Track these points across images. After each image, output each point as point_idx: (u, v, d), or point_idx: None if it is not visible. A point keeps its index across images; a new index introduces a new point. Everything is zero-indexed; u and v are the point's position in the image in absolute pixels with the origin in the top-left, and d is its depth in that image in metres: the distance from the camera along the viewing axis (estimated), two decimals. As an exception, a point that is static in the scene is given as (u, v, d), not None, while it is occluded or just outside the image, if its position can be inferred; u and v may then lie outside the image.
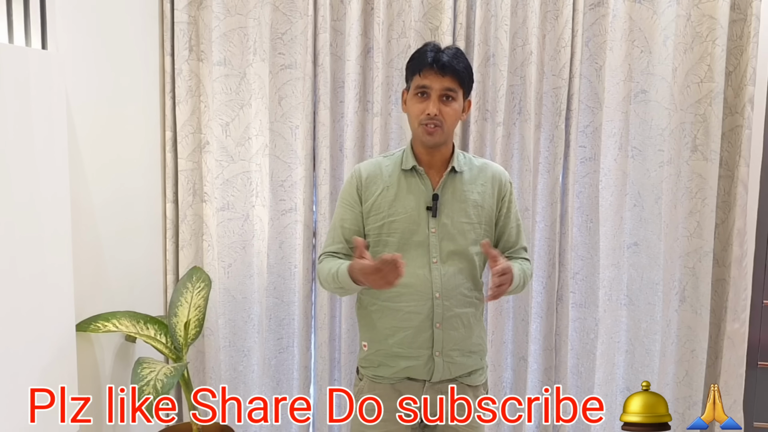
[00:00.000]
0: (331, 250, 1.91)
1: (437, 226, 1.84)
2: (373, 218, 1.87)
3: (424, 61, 1.79)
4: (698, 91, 2.50)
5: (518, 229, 1.98)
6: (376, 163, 1.94)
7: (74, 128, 1.94)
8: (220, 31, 2.50)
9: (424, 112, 1.78)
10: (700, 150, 2.52)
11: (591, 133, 2.59)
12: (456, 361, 1.87)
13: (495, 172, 1.94)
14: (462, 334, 1.88)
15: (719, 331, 2.62)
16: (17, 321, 1.61)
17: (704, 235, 2.54)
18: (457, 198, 1.86)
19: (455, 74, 1.77)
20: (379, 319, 1.89)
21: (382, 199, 1.86)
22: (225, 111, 2.55)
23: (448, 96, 1.79)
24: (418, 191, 1.86)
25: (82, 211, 2.00)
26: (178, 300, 2.35)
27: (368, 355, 1.93)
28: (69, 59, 1.90)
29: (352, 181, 1.92)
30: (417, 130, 1.83)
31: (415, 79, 1.81)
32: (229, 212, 2.61)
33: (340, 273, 1.78)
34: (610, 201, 2.62)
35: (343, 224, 1.91)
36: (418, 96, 1.81)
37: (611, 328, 2.68)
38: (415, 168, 1.87)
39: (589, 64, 2.55)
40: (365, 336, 1.95)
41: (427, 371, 1.86)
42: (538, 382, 2.70)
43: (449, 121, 1.80)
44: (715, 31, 2.45)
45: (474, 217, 1.87)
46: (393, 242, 1.84)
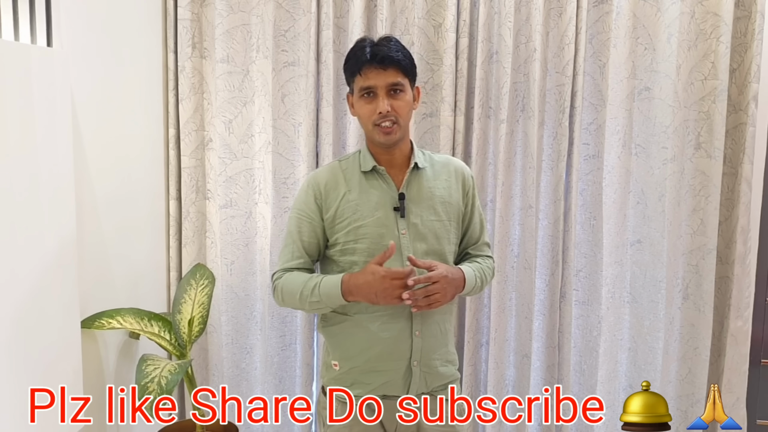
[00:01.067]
0: (291, 266, 1.79)
1: (407, 227, 1.75)
2: (338, 227, 1.76)
3: (361, 58, 1.69)
4: (702, 88, 2.50)
5: (481, 225, 1.93)
6: (332, 168, 1.82)
7: (78, 125, 1.94)
8: (223, 28, 2.50)
9: (376, 111, 1.69)
10: (704, 147, 2.52)
11: (594, 130, 2.58)
12: (434, 370, 1.79)
13: (457, 167, 1.87)
14: (440, 341, 1.81)
15: (722, 328, 2.62)
16: (22, 318, 1.61)
17: (707, 233, 2.54)
18: (423, 195, 1.78)
19: (397, 65, 1.68)
20: (352, 334, 1.78)
21: (345, 206, 1.75)
22: (228, 108, 2.55)
23: (396, 89, 1.70)
24: (382, 192, 1.76)
25: (86, 208, 2.00)
26: (182, 297, 2.35)
27: (339, 375, 1.81)
28: (73, 57, 1.90)
29: (309, 191, 1.80)
30: (372, 133, 1.73)
31: (357, 80, 1.71)
32: (232, 209, 2.61)
33: (324, 285, 1.70)
34: (614, 198, 2.62)
35: (301, 237, 1.79)
36: (364, 97, 1.71)
37: (614, 326, 2.68)
38: (375, 168, 1.77)
39: (593, 61, 2.55)
40: (335, 355, 1.82)
41: (404, 384, 1.77)
42: (541, 379, 2.70)
43: (403, 114, 1.71)
44: (719, 29, 2.44)
45: (443, 215, 1.80)
46: (362, 249, 1.73)
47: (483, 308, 2.68)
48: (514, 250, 2.63)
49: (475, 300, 2.64)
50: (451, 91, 2.52)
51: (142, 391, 1.93)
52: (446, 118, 2.54)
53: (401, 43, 1.74)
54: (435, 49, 2.55)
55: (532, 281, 2.60)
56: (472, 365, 2.67)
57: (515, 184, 2.61)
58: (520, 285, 2.63)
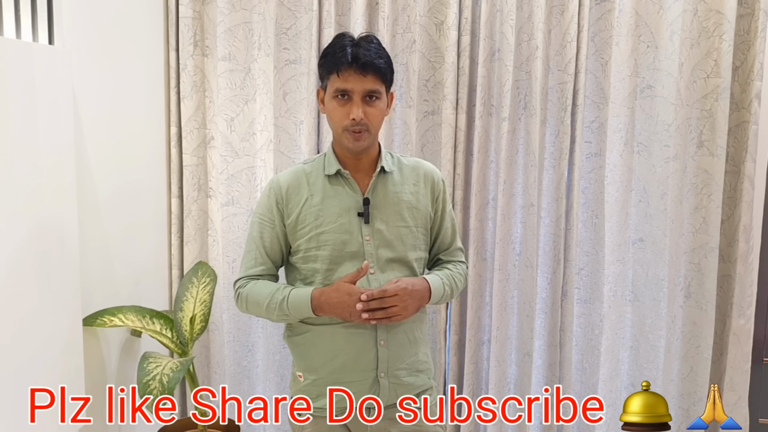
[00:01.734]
0: (254, 272, 1.76)
1: (371, 233, 1.70)
2: (300, 232, 1.71)
3: (342, 59, 1.61)
4: (704, 86, 2.49)
5: (453, 230, 1.88)
6: (296, 171, 1.77)
7: (80, 123, 1.94)
8: (224, 27, 2.50)
9: (348, 116, 1.62)
10: (706, 146, 2.51)
11: (597, 128, 2.58)
12: (403, 381, 1.74)
13: (427, 171, 1.81)
14: (408, 351, 1.75)
15: (724, 327, 2.61)
16: (24, 316, 1.62)
17: (710, 231, 2.54)
18: (389, 201, 1.72)
19: (377, 72, 1.62)
20: (315, 345, 1.74)
21: (307, 211, 1.70)
22: (230, 106, 2.55)
23: (372, 96, 1.64)
24: (346, 197, 1.71)
25: (88, 206, 2.01)
26: (184, 295, 2.36)
27: (304, 387, 1.77)
28: (75, 55, 1.90)
29: (271, 195, 1.75)
30: (341, 136, 1.67)
31: (333, 79, 1.64)
32: (234, 207, 2.61)
33: (292, 299, 1.66)
34: (616, 197, 2.61)
35: (264, 243, 1.75)
36: (338, 99, 1.64)
37: (616, 324, 2.68)
38: (339, 172, 1.72)
39: (595, 59, 2.55)
40: (300, 366, 1.79)
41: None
42: (543, 377, 2.70)
43: (375, 123, 1.66)
44: (722, 26, 2.44)
45: (410, 220, 1.74)
46: (324, 256, 1.69)
47: (485, 306, 2.68)
48: (516, 249, 2.63)
49: (476, 298, 2.64)
50: (452, 89, 2.52)
51: (144, 389, 1.94)
52: (448, 116, 2.53)
53: (382, 45, 1.69)
54: (437, 47, 2.54)
55: (534, 279, 2.59)
56: (473, 363, 2.67)
57: (517, 182, 2.60)
58: (521, 283, 2.63)
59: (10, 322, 1.57)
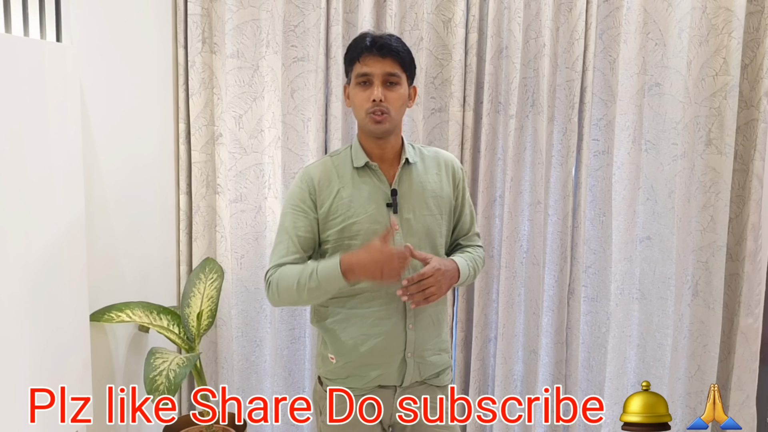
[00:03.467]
0: (285, 261, 1.75)
1: (400, 223, 1.75)
2: (332, 223, 1.75)
3: (362, 46, 1.70)
4: (713, 84, 2.48)
5: (471, 216, 1.94)
6: (324, 163, 1.81)
7: (88, 120, 1.96)
8: (233, 24, 2.51)
9: (369, 99, 1.69)
10: (715, 144, 2.50)
11: (604, 126, 2.57)
12: (427, 360, 1.82)
13: (447, 160, 1.88)
14: (433, 332, 1.83)
15: (732, 326, 2.60)
16: (31, 311, 1.63)
17: (718, 230, 2.52)
18: (414, 190, 1.78)
19: (396, 56, 1.70)
20: (346, 328, 1.78)
21: (338, 202, 1.75)
22: (238, 103, 2.57)
23: (392, 81, 1.70)
24: (375, 188, 1.76)
25: (96, 203, 2.02)
26: (191, 291, 2.37)
27: (335, 368, 1.82)
28: (83, 52, 1.92)
29: (303, 186, 1.78)
30: (364, 120, 1.73)
31: (356, 67, 1.72)
32: (242, 204, 2.62)
33: (321, 269, 1.65)
34: (623, 195, 2.61)
35: (297, 233, 1.76)
36: (360, 85, 1.71)
37: (623, 322, 2.68)
38: (368, 164, 1.77)
39: (603, 56, 2.54)
40: (332, 349, 1.82)
41: (398, 375, 1.79)
42: (549, 375, 2.70)
43: (395, 106, 1.71)
44: (731, 24, 2.42)
45: (435, 208, 1.80)
46: (356, 245, 1.72)
47: (491, 303, 2.69)
48: (523, 246, 2.63)
49: (483, 295, 2.65)
50: (460, 87, 2.52)
51: (151, 385, 1.95)
52: (455, 113, 2.53)
53: (404, 42, 1.76)
54: (444, 45, 2.54)
55: (541, 277, 2.59)
56: (480, 360, 2.67)
57: (524, 180, 2.60)
58: (528, 281, 2.63)
59: (18, 317, 1.59)
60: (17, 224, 1.57)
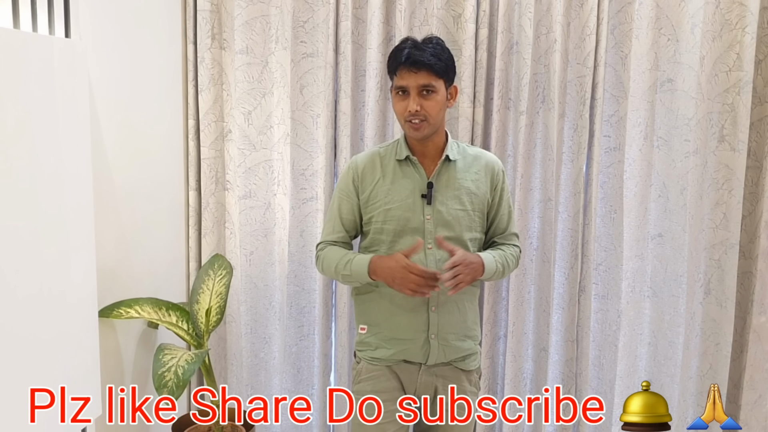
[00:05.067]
0: (331, 239, 2.00)
1: (432, 213, 1.90)
2: (371, 207, 1.94)
3: (398, 60, 1.83)
4: (726, 80, 2.45)
5: (509, 216, 2.05)
6: (372, 154, 2.00)
7: (97, 116, 1.96)
8: (242, 20, 2.50)
9: (407, 109, 1.84)
10: (728, 140, 2.48)
11: (616, 122, 2.55)
12: (451, 344, 1.94)
13: (488, 161, 2.00)
14: (457, 318, 1.95)
15: (744, 324, 2.58)
16: (41, 307, 1.64)
17: (730, 227, 2.50)
18: (451, 186, 1.93)
19: (429, 69, 1.81)
20: (377, 303, 1.96)
21: (379, 189, 1.93)
22: (247, 99, 2.56)
23: (427, 90, 1.83)
24: (413, 180, 1.93)
25: (105, 199, 2.02)
26: (200, 287, 2.37)
27: (366, 338, 2.00)
28: (92, 47, 1.92)
29: (349, 173, 1.99)
30: (404, 127, 1.90)
31: (395, 79, 1.87)
32: (251, 200, 2.62)
33: (355, 262, 1.89)
34: (635, 192, 2.59)
35: (341, 214, 1.99)
36: (399, 95, 1.87)
37: (634, 320, 2.66)
38: (409, 158, 1.93)
39: (615, 52, 2.51)
40: (362, 320, 2.02)
41: (423, 354, 1.93)
42: (559, 373, 2.69)
43: (433, 113, 1.85)
44: (744, 19, 2.39)
45: (468, 205, 1.93)
46: (389, 229, 1.91)
47: (501, 301, 2.67)
48: (533, 243, 2.62)
49: (493, 293, 2.63)
50: (470, 83, 2.51)
51: (159, 381, 1.96)
52: (465, 109, 2.52)
53: (442, 46, 1.86)
54: (454, 40, 2.53)
55: (551, 274, 2.58)
56: (489, 358, 2.66)
57: (535, 177, 2.58)
58: (538, 278, 2.61)
59: (27, 312, 1.59)
60: (26, 220, 1.57)
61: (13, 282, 1.54)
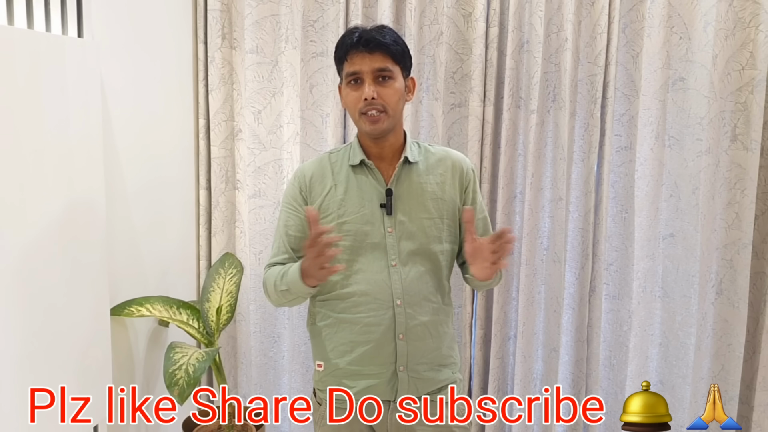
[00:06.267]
0: (276, 261, 1.72)
1: (393, 225, 1.65)
2: (323, 222, 1.65)
3: (347, 43, 1.60)
4: (739, 78, 2.43)
5: (485, 222, 1.82)
6: (321, 160, 1.74)
7: (109, 115, 1.97)
8: (252, 19, 2.51)
9: (361, 98, 1.58)
10: (740, 139, 2.45)
11: (627, 121, 2.54)
12: (423, 376, 1.70)
13: (455, 161, 1.74)
14: (429, 345, 1.70)
15: (757, 325, 2.55)
16: (53, 305, 1.65)
17: (743, 227, 2.48)
18: (413, 192, 1.68)
19: (385, 50, 1.58)
20: (334, 334, 1.69)
21: (330, 200, 1.67)
22: (257, 99, 2.57)
23: (384, 76, 1.59)
24: (369, 187, 1.67)
25: (117, 198, 2.03)
26: (211, 286, 2.38)
27: (324, 377, 1.73)
28: (104, 47, 1.92)
29: (295, 183, 1.72)
30: (359, 122, 1.63)
31: (345, 66, 1.62)
32: (261, 199, 2.62)
33: (290, 272, 1.60)
34: (646, 191, 2.57)
35: (287, 231, 1.71)
36: (351, 84, 1.61)
37: (645, 321, 2.64)
38: (363, 162, 1.67)
39: (626, 50, 2.50)
40: (318, 355, 1.75)
41: (390, 389, 1.68)
42: (569, 374, 2.68)
43: (391, 102, 1.60)
44: (758, 17, 2.37)
45: (434, 212, 1.69)
46: (346, 246, 1.64)
47: (511, 301, 2.66)
48: (544, 243, 2.60)
49: (503, 293, 2.62)
50: (480, 81, 2.50)
51: (170, 379, 1.96)
52: (475, 108, 2.51)
53: (396, 33, 1.65)
54: (464, 39, 2.52)
55: (562, 274, 2.57)
56: (499, 358, 2.65)
57: (545, 176, 2.57)
58: (549, 278, 2.60)
59: (39, 311, 1.60)
60: (38, 219, 1.58)
61: (26, 281, 1.55)
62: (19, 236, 1.53)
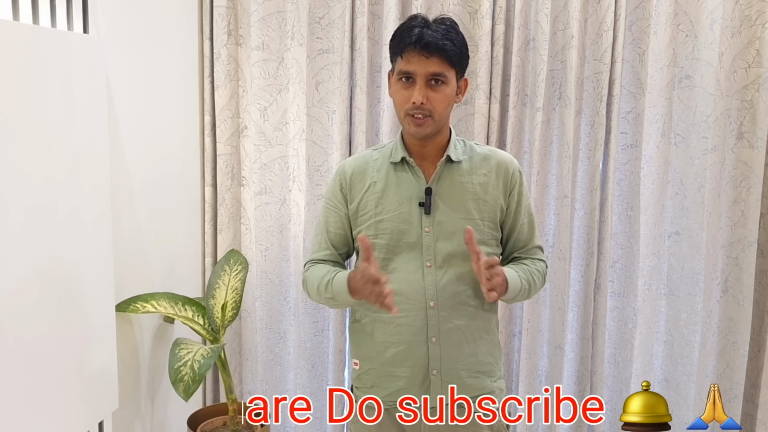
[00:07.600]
0: (317, 257, 1.70)
1: (431, 225, 1.61)
2: (361, 219, 1.64)
3: (406, 40, 1.53)
4: (745, 76, 2.42)
5: (531, 226, 1.73)
6: (363, 157, 1.71)
7: (114, 112, 1.97)
8: (258, 16, 2.51)
9: (409, 100, 1.54)
10: (746, 137, 2.45)
11: (633, 119, 2.53)
12: (462, 382, 1.65)
13: (501, 161, 1.67)
14: (465, 350, 1.64)
15: (762, 323, 2.55)
16: (59, 301, 1.65)
17: (749, 225, 2.48)
18: (454, 191, 1.63)
19: (443, 54, 1.52)
20: (371, 333, 1.66)
21: (369, 197, 1.64)
22: (263, 96, 2.57)
23: (437, 80, 1.54)
24: (409, 185, 1.63)
25: (122, 194, 2.03)
26: (216, 282, 2.38)
27: (360, 375, 1.71)
28: (110, 43, 1.93)
29: (336, 180, 1.70)
30: (403, 121, 1.59)
31: (398, 62, 1.56)
32: (267, 196, 2.63)
33: (336, 281, 1.58)
34: (651, 189, 2.57)
35: (328, 228, 1.70)
36: (402, 81, 1.56)
37: (650, 319, 2.64)
38: (405, 160, 1.63)
39: (632, 48, 2.50)
40: (355, 353, 1.73)
41: (421, 392, 1.64)
42: (574, 371, 2.68)
43: (439, 108, 1.56)
44: (765, 14, 2.37)
45: (475, 213, 1.63)
46: (381, 245, 1.62)
47: (516, 298, 2.66)
48: (549, 241, 2.60)
49: (508, 290, 2.62)
50: (486, 79, 2.50)
51: (176, 375, 1.97)
52: (481, 105, 2.51)
53: (456, 28, 1.58)
54: (470, 36, 2.51)
55: (567, 272, 2.57)
56: (504, 355, 2.65)
57: (551, 174, 2.57)
58: (554, 276, 2.60)
59: (45, 307, 1.61)
60: (44, 215, 1.59)
61: (32, 278, 1.55)
62: (25, 233, 1.53)
